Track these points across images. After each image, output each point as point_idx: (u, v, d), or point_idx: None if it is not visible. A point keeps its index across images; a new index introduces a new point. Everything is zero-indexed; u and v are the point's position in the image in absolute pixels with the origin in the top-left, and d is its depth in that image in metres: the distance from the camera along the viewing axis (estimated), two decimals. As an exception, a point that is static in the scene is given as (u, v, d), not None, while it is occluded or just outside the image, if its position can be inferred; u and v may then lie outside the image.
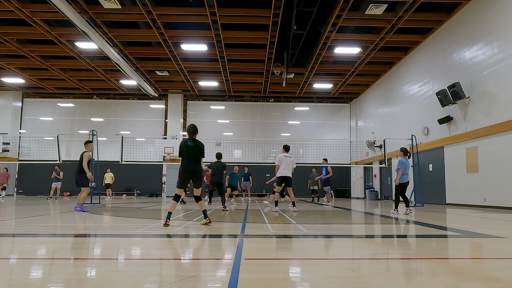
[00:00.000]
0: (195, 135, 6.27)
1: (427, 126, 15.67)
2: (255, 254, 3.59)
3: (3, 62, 18.94)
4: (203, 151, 6.23)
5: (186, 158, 6.07)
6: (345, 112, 26.48)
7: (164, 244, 4.36)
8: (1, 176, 18.32)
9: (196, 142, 6.18)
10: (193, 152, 6.09)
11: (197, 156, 6.12)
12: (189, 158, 6.07)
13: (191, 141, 6.15)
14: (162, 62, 19.39)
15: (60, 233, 5.23)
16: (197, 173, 6.10)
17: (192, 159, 6.07)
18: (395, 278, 2.66)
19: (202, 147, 6.22)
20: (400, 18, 13.78)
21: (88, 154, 9.28)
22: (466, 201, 12.88)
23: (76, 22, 12.32)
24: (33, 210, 9.52)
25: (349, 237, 4.99)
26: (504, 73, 11.22)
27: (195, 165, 6.09)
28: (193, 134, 6.26)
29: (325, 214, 9.10)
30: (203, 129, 25.76)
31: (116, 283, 2.44)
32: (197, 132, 6.32)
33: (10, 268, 2.96)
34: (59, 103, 26.07)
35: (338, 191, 25.14)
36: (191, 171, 6.06)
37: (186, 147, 6.09)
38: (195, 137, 6.28)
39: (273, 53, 17.35)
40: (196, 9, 13.59)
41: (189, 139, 6.21)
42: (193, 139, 6.21)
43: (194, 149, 6.11)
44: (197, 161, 6.13)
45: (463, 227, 6.06)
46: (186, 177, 6.07)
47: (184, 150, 6.09)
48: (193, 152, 6.09)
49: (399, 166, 9.15)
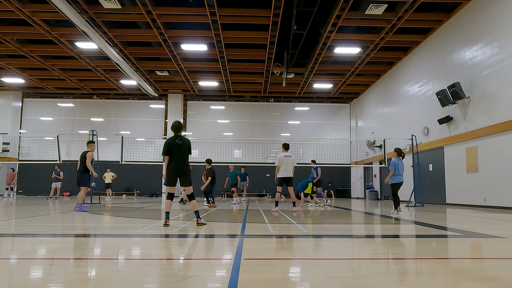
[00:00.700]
0: (180, 132, 6.17)
1: (427, 126, 15.67)
2: (255, 254, 3.59)
3: (3, 62, 18.94)
4: (191, 149, 6.13)
5: (174, 157, 5.96)
6: (345, 112, 26.49)
7: (164, 244, 4.36)
8: (7, 176, 18.50)
9: (183, 140, 6.07)
10: (181, 150, 5.99)
11: (184, 154, 6.03)
12: (177, 156, 5.96)
13: (179, 139, 6.03)
14: (162, 62, 19.39)
15: (60, 233, 5.23)
16: (185, 172, 6.01)
17: (180, 157, 5.97)
18: (395, 278, 2.66)
19: (189, 144, 6.11)
20: (400, 18, 13.78)
21: (91, 154, 9.45)
22: (466, 201, 12.88)
23: (76, 22, 12.32)
24: (33, 210, 9.52)
25: (349, 237, 4.98)
26: (504, 73, 11.21)
27: (182, 163, 6.00)
28: (179, 130, 6.14)
29: (325, 214, 9.11)
30: (203, 129, 25.79)
31: (116, 283, 2.44)
32: (182, 128, 6.21)
33: (10, 268, 2.96)
34: (59, 103, 26.07)
35: (338, 191, 25.16)
36: (178, 170, 5.96)
37: (175, 145, 5.97)
38: (181, 133, 6.18)
39: (273, 53, 17.35)
40: (196, 9, 13.59)
41: (175, 136, 6.07)
42: (180, 136, 6.09)
43: (182, 147, 6.00)
44: (184, 159, 6.04)
45: (463, 227, 6.06)
46: (173, 175, 5.97)
47: (173, 148, 5.96)
48: (181, 150, 5.99)
49: (391, 167, 9.22)
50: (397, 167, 9.14)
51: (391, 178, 9.17)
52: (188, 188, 6.12)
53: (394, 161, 9.24)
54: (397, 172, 9.12)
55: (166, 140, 6.12)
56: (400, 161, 9.28)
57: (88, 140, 9.82)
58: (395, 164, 9.17)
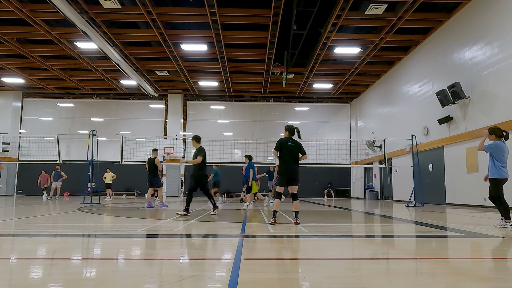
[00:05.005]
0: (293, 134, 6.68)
1: (427, 126, 15.67)
2: (255, 254, 3.59)
3: (3, 62, 18.94)
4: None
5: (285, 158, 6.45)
6: (345, 112, 26.48)
7: (164, 244, 4.36)
8: (41, 178, 19.04)
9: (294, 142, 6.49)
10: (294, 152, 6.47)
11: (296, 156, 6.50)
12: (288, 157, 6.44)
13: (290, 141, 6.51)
14: (162, 62, 19.39)
15: (60, 233, 5.23)
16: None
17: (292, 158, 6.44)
18: (395, 278, 2.66)
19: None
20: (400, 18, 13.78)
21: (158, 159, 11.31)
22: (466, 201, 12.88)
23: (76, 22, 12.32)
24: (33, 210, 9.52)
25: (349, 237, 4.99)
26: (504, 73, 11.21)
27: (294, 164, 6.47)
28: (292, 133, 6.61)
29: (325, 214, 9.10)
30: (203, 129, 25.77)
31: (116, 283, 2.44)
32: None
33: (10, 268, 2.96)
34: (59, 103, 26.06)
35: (338, 191, 25.15)
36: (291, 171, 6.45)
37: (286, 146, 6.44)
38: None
39: (273, 53, 17.35)
40: (196, 9, 13.59)
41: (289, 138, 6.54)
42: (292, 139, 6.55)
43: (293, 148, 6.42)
44: (297, 160, 6.50)
45: (463, 227, 6.06)
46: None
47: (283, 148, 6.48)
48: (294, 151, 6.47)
49: (488, 150, 6.23)
50: (496, 154, 6.10)
51: (490, 172, 6.19)
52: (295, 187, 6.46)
53: (491, 145, 6.16)
54: (500, 161, 6.06)
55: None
56: (503, 145, 6.14)
57: (153, 148, 11.67)
58: (496, 149, 6.10)
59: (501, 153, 6.06)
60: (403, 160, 18.02)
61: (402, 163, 17.90)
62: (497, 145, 6.10)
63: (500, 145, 6.10)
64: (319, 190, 24.75)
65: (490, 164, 6.19)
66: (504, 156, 6.08)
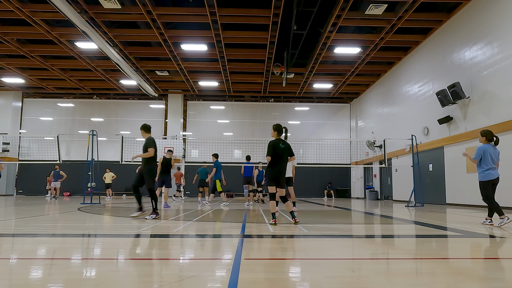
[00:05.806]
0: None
1: (427, 126, 15.67)
2: (255, 254, 3.59)
3: (3, 62, 18.94)
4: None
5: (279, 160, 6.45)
6: (345, 112, 26.48)
7: (164, 244, 4.36)
8: (49, 181, 19.33)
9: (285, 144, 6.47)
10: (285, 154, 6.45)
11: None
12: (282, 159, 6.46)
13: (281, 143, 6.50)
14: (162, 62, 19.39)
15: (60, 233, 5.23)
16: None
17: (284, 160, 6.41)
18: (395, 278, 2.66)
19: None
20: (400, 18, 13.78)
21: (173, 160, 11.66)
22: (466, 201, 12.88)
23: (76, 22, 12.32)
24: (33, 210, 9.52)
25: (349, 237, 4.98)
26: (504, 73, 11.21)
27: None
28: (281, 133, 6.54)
29: (325, 214, 9.11)
30: (203, 129, 25.78)
31: (116, 283, 2.44)
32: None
33: (10, 268, 2.96)
34: (59, 103, 26.06)
35: (338, 191, 25.15)
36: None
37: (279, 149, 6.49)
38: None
39: (273, 53, 17.35)
40: (196, 9, 13.59)
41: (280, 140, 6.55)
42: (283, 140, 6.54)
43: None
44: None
45: (463, 227, 6.06)
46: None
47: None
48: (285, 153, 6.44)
49: (476, 156, 6.68)
50: (485, 157, 6.50)
51: (478, 174, 6.67)
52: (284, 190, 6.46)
53: (481, 148, 6.53)
54: (486, 164, 6.50)
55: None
56: (491, 148, 6.55)
57: (168, 149, 12.07)
58: (483, 152, 6.48)
59: (486, 156, 6.48)
60: (403, 160, 18.02)
61: (402, 163, 17.90)
62: (482, 148, 6.49)
63: (485, 147, 6.49)
64: (319, 190, 24.76)
65: (477, 166, 6.63)
66: (489, 158, 6.48)
